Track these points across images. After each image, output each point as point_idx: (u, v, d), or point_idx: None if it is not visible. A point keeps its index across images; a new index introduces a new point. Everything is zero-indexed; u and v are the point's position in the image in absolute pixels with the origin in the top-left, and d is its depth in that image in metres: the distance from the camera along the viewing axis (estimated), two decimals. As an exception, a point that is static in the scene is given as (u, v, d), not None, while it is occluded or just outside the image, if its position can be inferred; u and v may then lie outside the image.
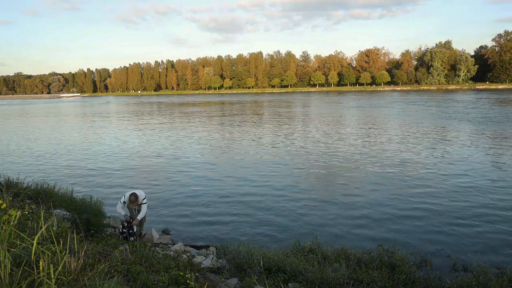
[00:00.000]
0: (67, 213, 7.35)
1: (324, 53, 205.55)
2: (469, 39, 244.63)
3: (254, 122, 37.11)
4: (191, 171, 16.07)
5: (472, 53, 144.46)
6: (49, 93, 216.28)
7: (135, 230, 7.44)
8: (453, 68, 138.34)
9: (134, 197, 7.27)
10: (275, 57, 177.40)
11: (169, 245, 7.93)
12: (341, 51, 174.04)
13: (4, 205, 3.77)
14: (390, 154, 18.31)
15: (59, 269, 2.78)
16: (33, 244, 2.86)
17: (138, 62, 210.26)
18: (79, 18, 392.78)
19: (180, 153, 20.75)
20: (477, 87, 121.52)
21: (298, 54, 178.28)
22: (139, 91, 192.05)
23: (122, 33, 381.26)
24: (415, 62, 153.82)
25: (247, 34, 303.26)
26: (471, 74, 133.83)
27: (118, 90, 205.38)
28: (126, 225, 7.33)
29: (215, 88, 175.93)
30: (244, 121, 38.55)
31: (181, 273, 4.07)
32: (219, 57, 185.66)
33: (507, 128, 26.71)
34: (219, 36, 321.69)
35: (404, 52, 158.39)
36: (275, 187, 13.15)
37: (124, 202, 7.36)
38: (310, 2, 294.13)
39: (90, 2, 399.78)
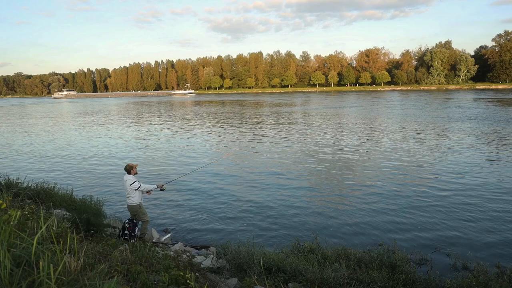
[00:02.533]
0: (67, 213, 7.36)
1: (326, 53, 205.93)
2: (470, 39, 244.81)
3: (254, 123, 37.12)
4: (191, 171, 16.05)
5: (472, 53, 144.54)
6: (49, 93, 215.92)
7: (136, 232, 7.47)
8: (453, 68, 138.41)
9: (129, 166, 7.79)
10: (275, 57, 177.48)
11: (169, 245, 7.93)
12: (341, 51, 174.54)
13: (4, 205, 3.78)
14: (390, 155, 18.31)
15: (59, 269, 2.78)
16: (33, 244, 2.86)
17: (138, 62, 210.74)
18: (83, 18, 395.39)
19: (180, 153, 20.75)
20: (477, 87, 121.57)
21: (298, 54, 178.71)
22: (139, 91, 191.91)
23: (125, 34, 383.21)
24: (415, 62, 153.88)
25: (255, 34, 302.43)
26: (471, 74, 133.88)
27: (118, 90, 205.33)
28: (129, 225, 7.37)
29: (215, 88, 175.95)
30: (244, 122, 38.56)
31: (181, 273, 4.07)
32: (219, 57, 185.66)
33: (506, 127, 26.72)
34: (227, 36, 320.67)
35: (404, 52, 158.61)
36: (275, 187, 13.15)
37: (137, 180, 7.71)
38: (325, 2, 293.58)
39: (97, 3, 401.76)
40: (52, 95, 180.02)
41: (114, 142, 25.69)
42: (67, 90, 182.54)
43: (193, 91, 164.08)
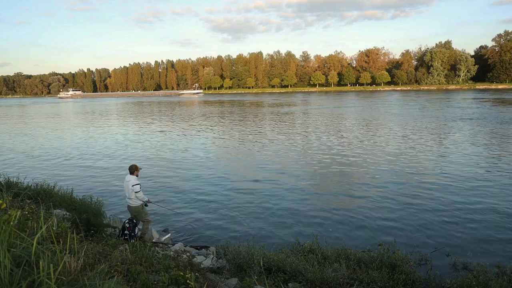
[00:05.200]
0: (67, 213, 7.35)
1: (326, 53, 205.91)
2: (470, 39, 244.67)
3: (255, 123, 37.11)
4: (192, 171, 16.07)
5: (472, 53, 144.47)
6: (49, 93, 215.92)
7: (136, 232, 7.46)
8: (453, 68, 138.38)
9: (134, 166, 7.87)
10: (275, 57, 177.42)
11: (169, 245, 7.93)
12: (341, 51, 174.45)
13: (4, 205, 3.78)
14: (391, 155, 18.31)
15: (59, 269, 2.78)
16: (33, 244, 2.86)
17: (138, 62, 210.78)
18: (83, 18, 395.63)
19: (180, 153, 20.75)
20: (477, 87, 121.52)
21: (298, 54, 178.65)
22: (139, 91, 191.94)
23: (125, 34, 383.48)
24: (415, 62, 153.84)
25: (256, 34, 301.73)
26: (471, 74, 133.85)
27: (118, 90, 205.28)
28: (129, 225, 7.37)
29: (215, 88, 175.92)
30: (244, 121, 38.55)
31: (181, 273, 4.07)
32: (219, 57, 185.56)
33: (506, 128, 26.71)
34: (227, 36, 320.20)
35: (404, 52, 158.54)
36: (276, 188, 13.15)
37: (139, 184, 7.69)
38: (325, 2, 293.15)
39: (97, 3, 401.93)
40: (58, 95, 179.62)
41: (117, 142, 25.69)
42: (72, 90, 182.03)
43: (201, 91, 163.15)
